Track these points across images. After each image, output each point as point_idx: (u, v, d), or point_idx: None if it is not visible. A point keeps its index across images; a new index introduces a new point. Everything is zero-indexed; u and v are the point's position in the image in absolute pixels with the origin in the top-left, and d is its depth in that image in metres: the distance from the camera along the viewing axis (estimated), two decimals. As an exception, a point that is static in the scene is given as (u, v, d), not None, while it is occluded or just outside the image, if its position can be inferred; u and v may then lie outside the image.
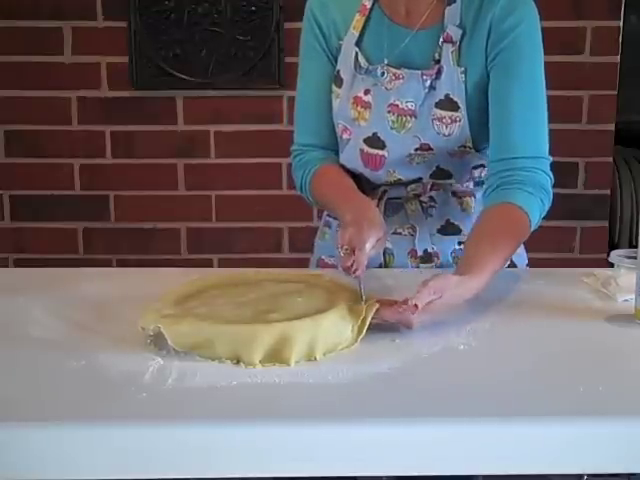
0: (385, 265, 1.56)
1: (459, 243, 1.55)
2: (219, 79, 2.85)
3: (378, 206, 1.53)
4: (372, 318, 1.15)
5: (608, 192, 2.97)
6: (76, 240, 2.99)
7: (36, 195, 2.96)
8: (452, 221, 1.55)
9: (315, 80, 1.57)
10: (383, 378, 1.04)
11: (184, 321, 1.10)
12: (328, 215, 1.66)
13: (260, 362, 1.06)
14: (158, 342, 1.11)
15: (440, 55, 1.45)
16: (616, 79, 2.87)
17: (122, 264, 2.90)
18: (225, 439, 0.91)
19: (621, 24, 2.84)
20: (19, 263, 2.97)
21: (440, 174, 1.51)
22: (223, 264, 2.92)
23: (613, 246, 2.98)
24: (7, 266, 2.93)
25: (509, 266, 1.59)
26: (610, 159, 2.95)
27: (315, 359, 1.08)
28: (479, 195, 1.55)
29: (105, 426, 0.91)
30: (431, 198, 1.54)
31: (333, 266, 1.61)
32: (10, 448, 0.90)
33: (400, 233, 1.55)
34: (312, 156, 1.58)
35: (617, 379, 1.05)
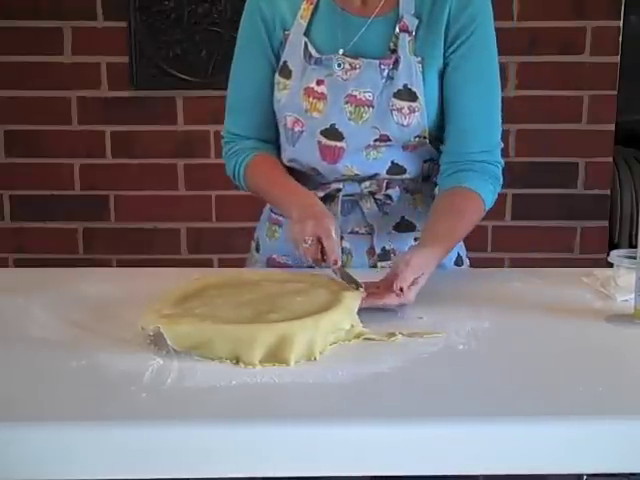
0: (343, 265, 1.54)
1: (415, 239, 1.54)
2: (219, 79, 2.82)
3: (333, 204, 1.52)
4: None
5: (608, 192, 2.97)
6: (76, 240, 2.99)
7: (36, 195, 2.96)
8: (407, 218, 1.55)
9: (253, 72, 1.55)
10: (383, 378, 1.04)
11: (184, 321, 1.10)
12: (274, 212, 1.63)
13: (260, 362, 1.06)
14: (158, 342, 1.11)
15: (396, 45, 1.45)
16: (616, 79, 2.87)
17: (122, 264, 2.91)
18: (225, 439, 0.91)
19: (621, 24, 2.84)
20: (19, 263, 2.97)
21: (395, 169, 1.51)
22: (223, 264, 2.91)
23: (613, 246, 2.98)
24: (7, 266, 2.93)
25: (456, 262, 1.61)
26: (610, 159, 2.95)
27: (315, 359, 1.08)
28: (427, 191, 1.57)
29: (105, 426, 0.91)
30: (387, 196, 1.53)
31: (286, 265, 1.59)
32: (10, 448, 0.90)
33: (357, 232, 1.54)
34: (244, 145, 1.58)
35: (617, 379, 1.05)
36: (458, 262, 1.61)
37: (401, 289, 1.23)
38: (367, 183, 1.52)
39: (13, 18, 2.83)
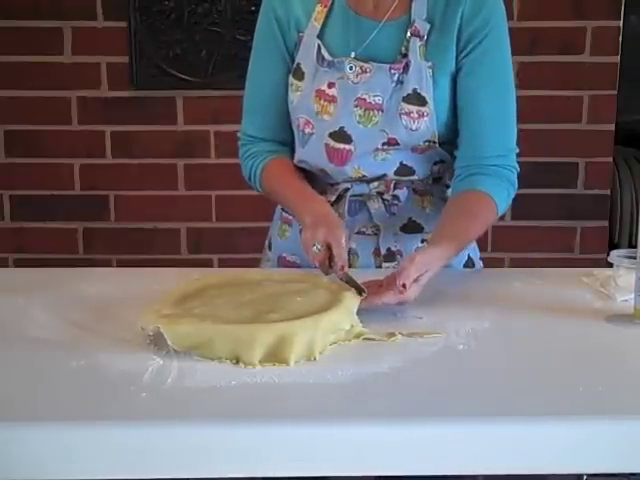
0: (349, 265, 1.54)
1: (422, 241, 1.54)
2: (219, 79, 2.84)
3: (340, 204, 1.52)
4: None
5: (608, 192, 2.97)
6: (76, 240, 2.99)
7: (36, 195, 2.96)
8: (414, 219, 1.54)
9: (268, 74, 1.56)
10: (383, 378, 1.04)
11: (183, 321, 1.10)
12: (285, 211, 1.63)
13: (259, 362, 1.06)
14: (158, 342, 1.11)
15: (407, 49, 1.45)
16: (616, 79, 2.87)
17: (122, 264, 2.90)
18: (225, 439, 0.91)
19: (621, 24, 2.84)
20: (19, 263, 2.96)
21: (404, 170, 1.51)
22: (223, 264, 2.91)
23: (613, 246, 2.98)
24: (7, 266, 2.92)
25: (466, 265, 1.60)
26: (610, 159, 2.95)
27: (314, 359, 1.08)
28: (437, 193, 1.57)
29: (105, 426, 0.91)
30: (394, 196, 1.53)
31: (295, 264, 1.59)
32: (10, 448, 0.90)
33: (364, 232, 1.54)
34: (261, 147, 1.59)
35: (616, 379, 1.05)
36: (468, 264, 1.60)
37: (404, 285, 1.22)
38: (375, 183, 1.52)
39: (13, 18, 2.83)
